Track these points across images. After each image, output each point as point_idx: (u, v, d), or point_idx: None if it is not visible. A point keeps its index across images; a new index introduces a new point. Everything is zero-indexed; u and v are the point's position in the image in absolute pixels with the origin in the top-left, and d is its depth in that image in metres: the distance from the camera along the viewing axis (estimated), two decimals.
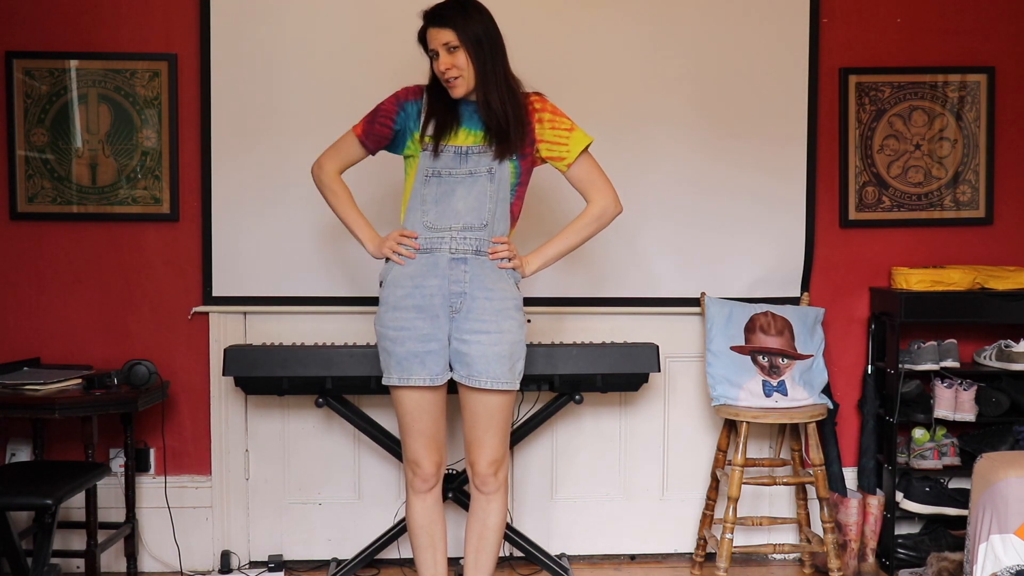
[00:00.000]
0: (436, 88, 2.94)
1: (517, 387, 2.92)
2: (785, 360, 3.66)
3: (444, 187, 2.88)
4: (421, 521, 2.96)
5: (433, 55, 2.89)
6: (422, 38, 2.94)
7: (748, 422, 3.51)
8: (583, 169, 3.00)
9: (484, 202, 2.87)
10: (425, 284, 2.85)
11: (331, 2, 3.70)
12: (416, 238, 2.89)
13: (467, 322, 2.84)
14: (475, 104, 2.90)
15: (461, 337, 2.85)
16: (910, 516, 3.73)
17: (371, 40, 3.71)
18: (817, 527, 3.77)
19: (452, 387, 2.94)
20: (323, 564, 3.78)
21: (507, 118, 2.86)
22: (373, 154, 3.04)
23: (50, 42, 3.67)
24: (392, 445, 3.56)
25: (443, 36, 2.85)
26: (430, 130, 2.91)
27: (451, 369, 2.89)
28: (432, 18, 2.89)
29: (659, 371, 3.54)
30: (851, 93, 3.88)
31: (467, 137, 2.90)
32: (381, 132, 2.97)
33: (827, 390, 3.72)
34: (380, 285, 2.94)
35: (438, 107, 2.92)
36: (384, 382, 2.90)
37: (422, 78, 2.97)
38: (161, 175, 3.72)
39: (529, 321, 3.76)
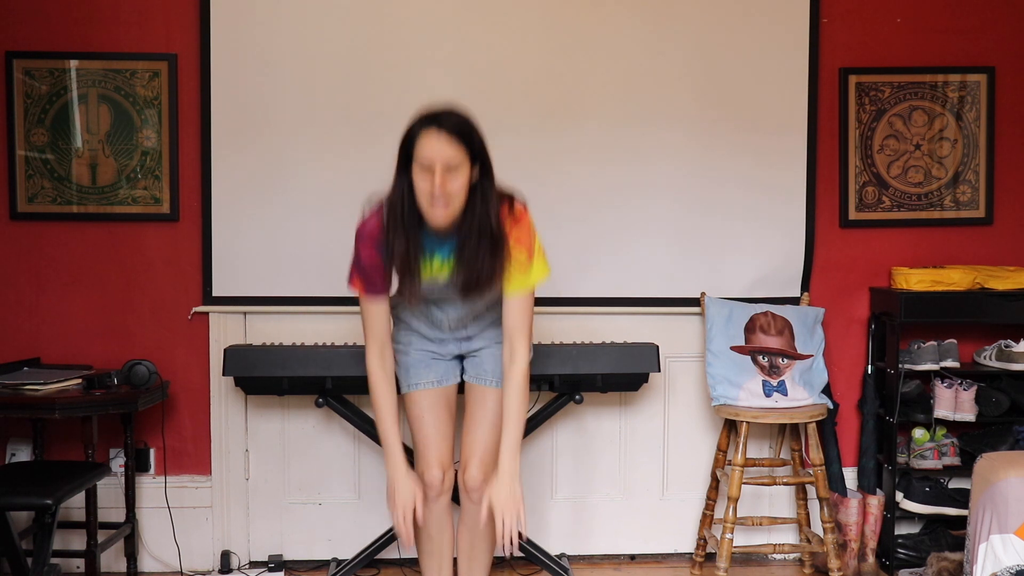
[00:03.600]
0: (400, 214, 2.63)
1: None
2: (785, 360, 3.66)
3: (430, 301, 2.86)
4: (430, 530, 2.97)
5: (424, 166, 2.55)
6: (409, 144, 2.59)
7: (748, 422, 3.51)
8: (519, 307, 2.76)
9: (476, 302, 2.84)
10: (433, 319, 2.91)
11: (331, 2, 3.70)
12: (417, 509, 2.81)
13: (475, 341, 2.96)
14: (443, 239, 2.69)
15: (471, 351, 2.97)
16: (910, 516, 3.73)
17: (371, 40, 3.71)
18: (817, 527, 3.77)
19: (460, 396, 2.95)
20: (323, 564, 3.78)
21: (482, 271, 2.65)
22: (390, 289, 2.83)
23: (50, 42, 3.67)
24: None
25: (449, 151, 2.53)
26: (395, 281, 2.72)
27: (463, 372, 2.99)
28: (441, 125, 2.54)
29: (659, 371, 3.55)
30: (851, 93, 3.88)
31: (441, 267, 2.75)
32: (383, 278, 2.76)
33: (827, 390, 3.72)
34: (392, 307, 2.96)
35: (402, 244, 2.64)
36: (402, 392, 2.97)
37: (423, 77, 2.95)
38: (161, 175, 3.72)
39: None
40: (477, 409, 2.96)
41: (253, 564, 3.78)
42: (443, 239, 2.71)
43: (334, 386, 3.42)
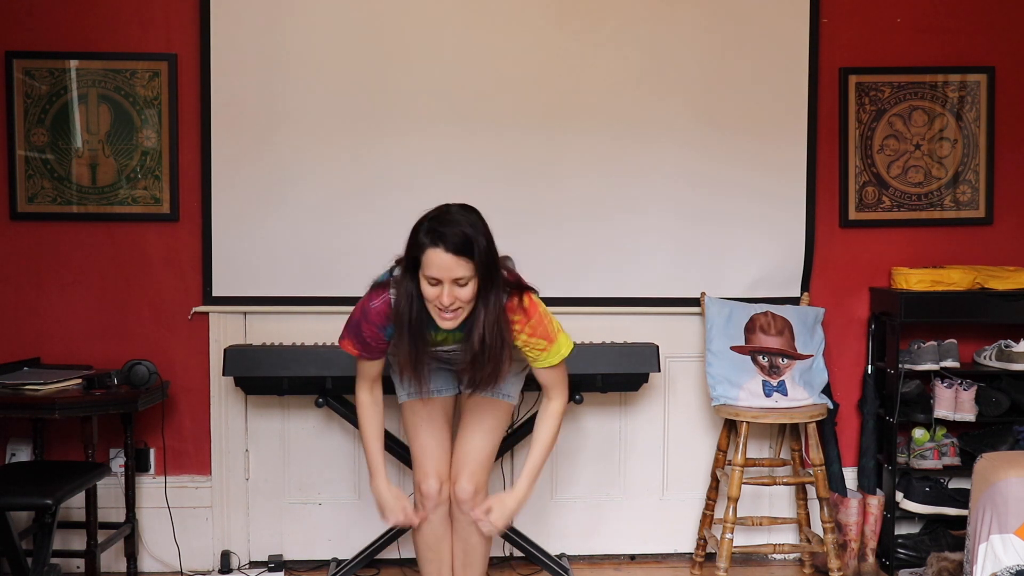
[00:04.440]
0: (407, 318, 2.64)
1: (514, 400, 3.02)
2: (785, 360, 3.66)
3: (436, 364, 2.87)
4: (428, 540, 2.97)
5: (431, 282, 2.55)
6: (415, 252, 2.56)
7: (748, 422, 3.51)
8: (554, 373, 2.82)
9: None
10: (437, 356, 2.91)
11: (331, 3, 3.69)
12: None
13: None
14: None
15: None
16: (910, 516, 3.73)
17: (371, 40, 3.71)
18: (817, 527, 3.77)
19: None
20: (323, 564, 3.78)
21: (485, 355, 2.65)
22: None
23: (50, 42, 3.67)
24: (392, 445, 3.55)
25: (456, 270, 2.51)
26: (408, 380, 2.77)
27: (460, 384, 2.98)
28: (447, 244, 2.50)
29: (659, 371, 3.55)
30: (851, 93, 3.88)
31: (446, 338, 2.77)
32: (379, 350, 2.78)
33: (827, 390, 3.72)
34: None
35: (408, 351, 2.66)
36: (399, 401, 2.99)
37: (423, 78, 2.94)
38: (161, 175, 3.72)
39: None
40: (471, 419, 2.96)
41: (253, 564, 3.78)
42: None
43: (334, 386, 3.42)
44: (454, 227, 2.52)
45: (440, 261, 2.50)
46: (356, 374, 2.90)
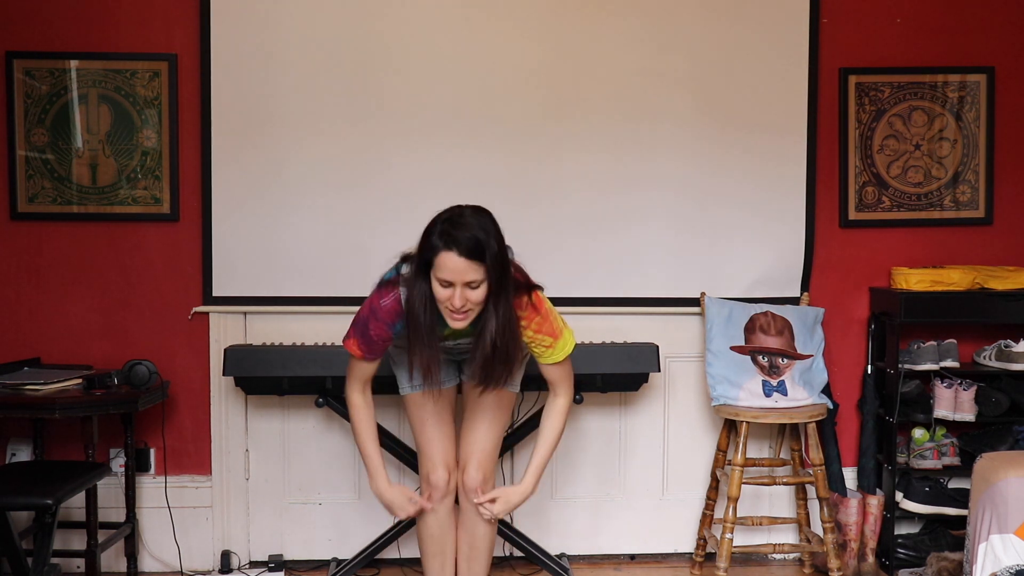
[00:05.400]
0: (421, 320, 2.66)
1: (517, 388, 3.00)
2: (785, 360, 3.67)
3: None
4: (433, 531, 2.98)
5: (443, 284, 2.58)
6: (427, 254, 2.59)
7: (748, 422, 3.51)
8: (560, 369, 2.86)
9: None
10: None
11: (331, 2, 3.70)
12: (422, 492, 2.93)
13: None
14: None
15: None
16: (910, 516, 3.74)
17: (372, 39, 3.71)
18: (817, 527, 3.77)
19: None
20: (323, 564, 3.78)
21: (497, 357, 2.68)
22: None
23: (50, 42, 3.67)
24: (392, 445, 3.56)
25: (468, 273, 2.54)
26: (418, 374, 2.75)
27: (461, 374, 2.98)
28: (460, 248, 2.52)
29: (659, 371, 3.55)
30: (851, 93, 3.88)
31: (455, 333, 2.79)
32: (383, 349, 2.81)
33: (827, 390, 3.72)
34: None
35: (425, 357, 2.69)
36: (401, 392, 2.99)
37: (424, 77, 2.94)
38: (161, 175, 3.72)
39: None
40: (476, 409, 2.97)
41: (253, 564, 3.78)
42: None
43: (334, 386, 3.42)
44: (467, 231, 2.53)
45: (452, 264, 2.52)
46: (347, 376, 2.89)
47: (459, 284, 2.55)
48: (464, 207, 2.64)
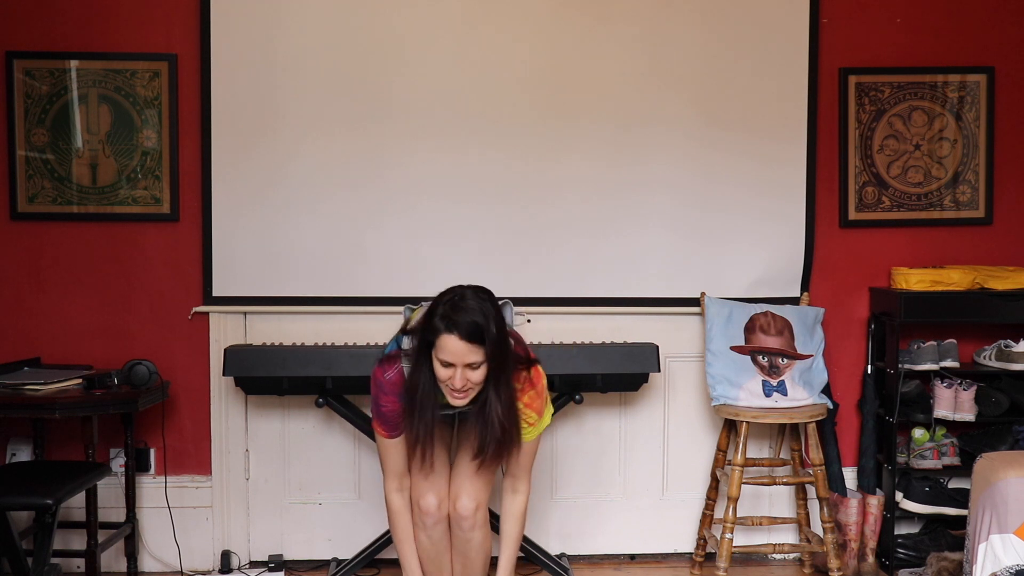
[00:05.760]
0: (419, 395, 2.71)
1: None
2: (785, 360, 3.67)
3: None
4: (429, 554, 2.99)
5: (444, 364, 2.64)
6: (429, 337, 2.64)
7: (748, 422, 3.51)
8: (528, 450, 2.89)
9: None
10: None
11: (331, 3, 3.70)
12: None
13: None
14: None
15: None
16: (910, 516, 3.74)
17: (371, 40, 3.71)
18: (817, 527, 3.77)
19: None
20: (323, 564, 3.78)
21: (504, 438, 2.74)
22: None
23: (50, 42, 3.67)
24: None
25: (470, 355, 2.61)
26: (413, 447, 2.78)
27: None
28: (460, 332, 2.59)
29: (659, 371, 3.55)
30: (851, 93, 3.88)
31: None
32: (398, 423, 2.81)
33: (827, 390, 3.72)
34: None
35: (423, 429, 2.73)
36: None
37: (424, 77, 2.93)
38: (161, 175, 3.72)
39: (529, 321, 3.78)
40: (470, 439, 2.95)
41: (253, 564, 3.78)
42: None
43: (334, 386, 3.42)
44: (467, 315, 2.60)
45: (453, 347, 2.60)
46: (382, 469, 2.91)
47: (460, 365, 2.62)
48: (465, 289, 2.70)
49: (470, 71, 3.72)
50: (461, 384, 2.63)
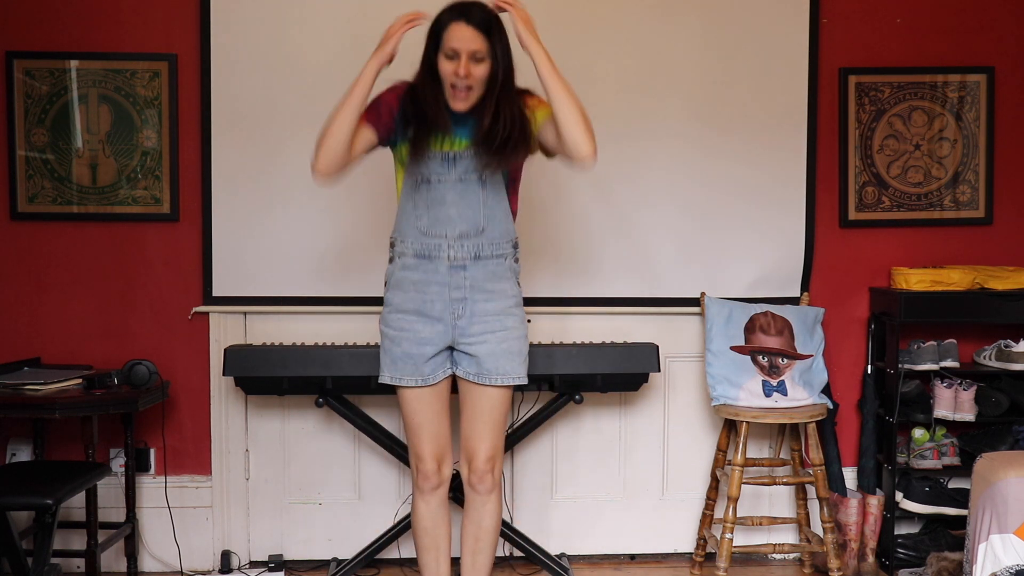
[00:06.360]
0: (423, 90, 2.79)
1: (526, 380, 2.95)
2: (785, 360, 3.67)
3: (434, 193, 2.82)
4: (425, 524, 2.96)
5: (450, 55, 2.72)
6: (437, 31, 2.74)
7: (748, 422, 3.51)
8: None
9: (478, 208, 2.83)
10: (426, 290, 2.84)
11: (331, 2, 3.70)
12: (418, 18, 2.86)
13: (471, 326, 2.85)
14: (466, 116, 2.79)
15: (467, 342, 2.86)
16: (910, 516, 3.74)
17: (372, 40, 3.70)
18: (817, 527, 3.77)
19: (454, 386, 2.95)
20: (323, 564, 3.78)
21: (508, 138, 2.76)
22: (380, 144, 2.87)
23: (50, 42, 3.67)
24: (392, 445, 3.56)
25: (476, 43, 2.70)
26: (413, 133, 2.81)
27: (455, 366, 2.90)
28: (469, 18, 2.71)
29: (659, 371, 3.55)
30: (851, 93, 3.88)
31: (453, 144, 2.82)
32: (388, 123, 2.83)
33: (827, 390, 3.72)
34: (385, 286, 2.94)
35: (425, 112, 2.78)
36: (379, 380, 2.93)
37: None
38: (161, 175, 3.72)
39: (529, 321, 3.76)
40: (478, 409, 2.92)
41: (253, 564, 3.78)
42: (464, 121, 2.81)
43: (334, 386, 3.42)
44: (477, 8, 2.73)
45: (461, 33, 2.69)
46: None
47: (465, 54, 2.69)
48: None
49: None
50: (464, 73, 2.69)
